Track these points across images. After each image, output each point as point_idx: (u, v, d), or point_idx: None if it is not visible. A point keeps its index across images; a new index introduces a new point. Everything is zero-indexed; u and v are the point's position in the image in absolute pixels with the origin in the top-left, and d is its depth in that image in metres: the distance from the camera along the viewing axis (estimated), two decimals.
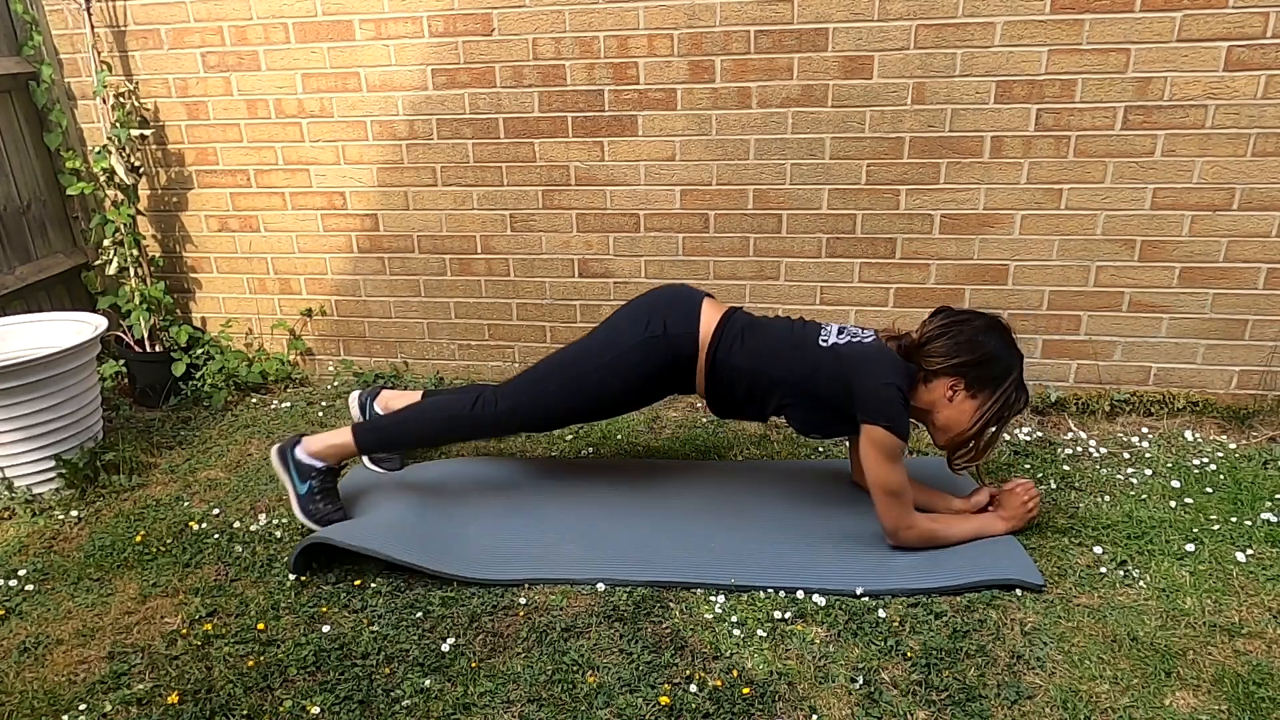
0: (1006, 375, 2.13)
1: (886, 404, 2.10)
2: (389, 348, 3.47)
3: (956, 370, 2.13)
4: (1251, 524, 2.32)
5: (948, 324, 2.17)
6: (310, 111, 3.20)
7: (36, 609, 2.17)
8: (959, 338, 2.13)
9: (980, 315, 2.19)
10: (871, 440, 2.12)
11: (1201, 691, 1.78)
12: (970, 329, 2.15)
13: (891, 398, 2.11)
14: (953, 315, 2.20)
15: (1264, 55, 2.60)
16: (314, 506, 2.35)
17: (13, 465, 2.64)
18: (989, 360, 2.12)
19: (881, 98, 2.83)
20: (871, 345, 2.21)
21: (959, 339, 2.13)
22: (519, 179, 3.15)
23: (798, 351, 2.22)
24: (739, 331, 2.27)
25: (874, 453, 2.12)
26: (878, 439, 2.10)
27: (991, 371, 2.12)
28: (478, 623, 2.04)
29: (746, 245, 3.08)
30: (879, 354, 2.18)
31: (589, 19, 2.91)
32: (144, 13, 3.18)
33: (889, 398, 2.11)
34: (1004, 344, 2.15)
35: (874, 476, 2.15)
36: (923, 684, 1.82)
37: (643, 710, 1.77)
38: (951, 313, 2.21)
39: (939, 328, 2.17)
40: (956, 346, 2.13)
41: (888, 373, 2.13)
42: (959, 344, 2.13)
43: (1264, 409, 2.88)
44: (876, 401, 2.11)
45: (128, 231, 3.26)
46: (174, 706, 1.82)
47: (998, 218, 2.89)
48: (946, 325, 2.17)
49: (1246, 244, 2.78)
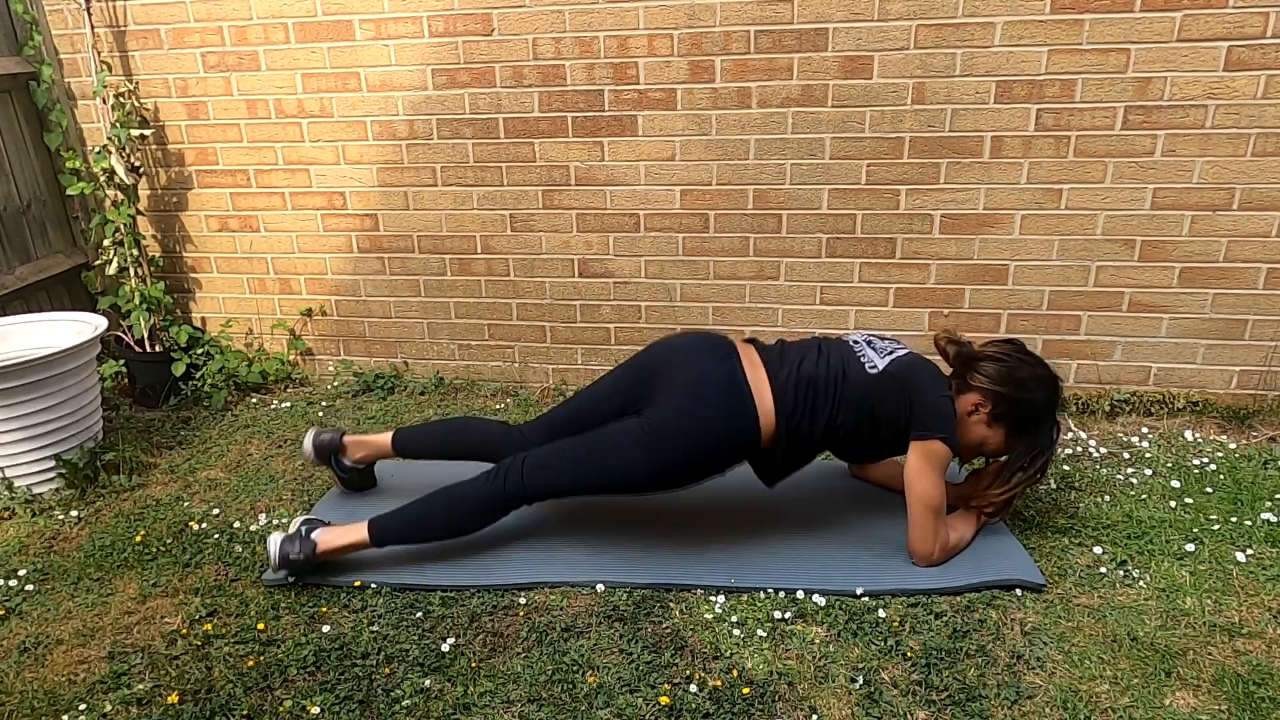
0: (1037, 424, 2.14)
1: (945, 417, 2.09)
2: (389, 348, 3.47)
3: (992, 395, 2.13)
4: (1251, 524, 2.32)
5: (1010, 354, 2.16)
6: (310, 111, 3.20)
7: (36, 609, 2.17)
8: (1015, 371, 2.13)
9: (1045, 366, 2.18)
10: (926, 454, 2.09)
11: (1201, 691, 1.78)
12: (1028, 370, 2.14)
13: (947, 409, 2.10)
14: (1021, 352, 2.18)
15: (1264, 55, 2.60)
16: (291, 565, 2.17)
17: (13, 465, 2.64)
18: (1025, 403, 2.12)
19: (881, 98, 2.83)
20: (912, 356, 2.19)
21: (1013, 372, 2.13)
22: (519, 179, 3.15)
23: (852, 387, 2.13)
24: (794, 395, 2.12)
25: (926, 466, 2.09)
26: (934, 452, 2.08)
27: (1021, 413, 2.13)
28: (478, 623, 2.04)
29: (746, 245, 3.08)
30: (925, 364, 2.17)
31: (589, 19, 2.90)
32: (144, 13, 3.18)
33: (946, 411, 2.10)
34: (1049, 400, 2.14)
35: (921, 492, 2.11)
36: (923, 684, 1.82)
37: (643, 710, 1.77)
38: (1021, 349, 2.19)
39: (1002, 353, 2.16)
40: (1005, 376, 2.12)
41: (941, 384, 2.13)
42: (1008, 375, 2.12)
43: (1264, 409, 2.88)
44: (936, 415, 2.09)
45: (128, 231, 3.26)
46: (174, 706, 1.82)
47: (998, 218, 2.89)
48: (1009, 354, 2.16)
49: (1246, 244, 2.78)
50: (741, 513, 2.43)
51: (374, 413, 3.20)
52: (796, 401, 2.12)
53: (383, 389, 3.38)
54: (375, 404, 3.28)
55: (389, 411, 3.20)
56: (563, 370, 3.37)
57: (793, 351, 2.22)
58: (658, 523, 2.39)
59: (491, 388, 3.39)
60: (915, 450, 2.10)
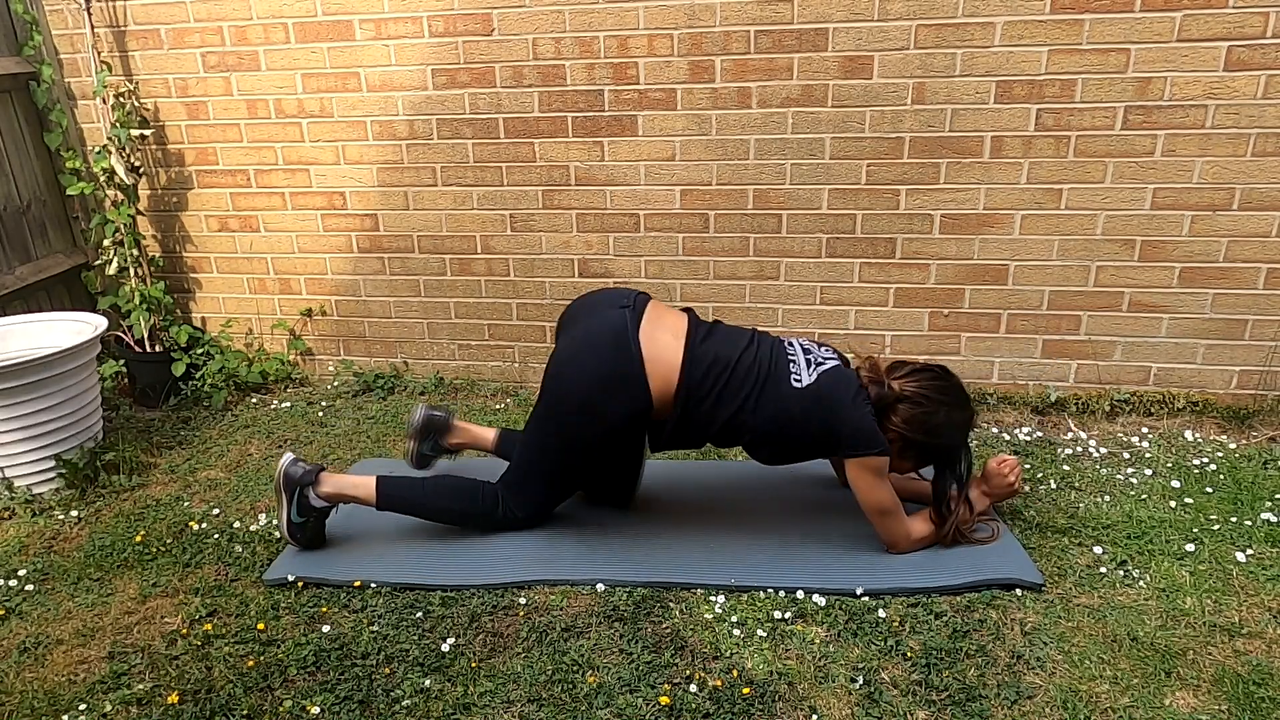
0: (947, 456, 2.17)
1: (870, 434, 2.08)
2: (389, 348, 3.47)
3: (905, 439, 2.12)
4: (1251, 524, 2.32)
5: (927, 395, 2.11)
6: (310, 111, 3.20)
7: (36, 609, 2.17)
8: (930, 418, 2.11)
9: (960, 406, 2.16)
10: (864, 468, 2.10)
11: (1201, 691, 1.78)
12: (943, 415, 2.11)
13: (869, 423, 2.09)
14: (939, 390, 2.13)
15: (1264, 55, 2.60)
16: (303, 535, 2.28)
17: (13, 465, 2.64)
18: (934, 447, 2.15)
19: (881, 98, 2.83)
20: (838, 371, 2.16)
21: (929, 418, 2.11)
22: (519, 179, 3.15)
23: (774, 392, 2.10)
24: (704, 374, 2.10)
25: (866, 478, 2.11)
26: (871, 465, 2.10)
27: (930, 454, 2.17)
28: (478, 623, 2.04)
29: (746, 245, 3.08)
30: (845, 383, 2.12)
31: (589, 19, 2.90)
32: (144, 13, 3.18)
33: (870, 427, 2.09)
34: (959, 441, 2.17)
35: (868, 501, 2.14)
36: (923, 684, 1.82)
37: (643, 710, 1.77)
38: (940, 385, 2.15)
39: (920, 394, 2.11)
40: (919, 423, 2.11)
41: (862, 402, 2.10)
42: (923, 422, 2.11)
43: (1264, 409, 2.88)
44: (861, 434, 2.08)
45: (128, 231, 3.26)
46: (174, 706, 1.82)
47: (998, 218, 2.89)
48: (925, 397, 2.11)
49: (1246, 244, 2.78)
50: (741, 513, 2.43)
51: (374, 413, 3.20)
52: (704, 379, 2.10)
53: (383, 389, 3.38)
54: (375, 404, 3.28)
55: (389, 411, 3.20)
56: None
57: (722, 332, 2.20)
58: (658, 523, 2.39)
59: (491, 388, 3.38)
60: (853, 467, 2.12)
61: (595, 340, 2.13)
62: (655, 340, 2.11)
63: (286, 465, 2.24)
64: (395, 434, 3.02)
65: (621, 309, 2.15)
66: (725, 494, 2.53)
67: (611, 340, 2.10)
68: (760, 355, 2.15)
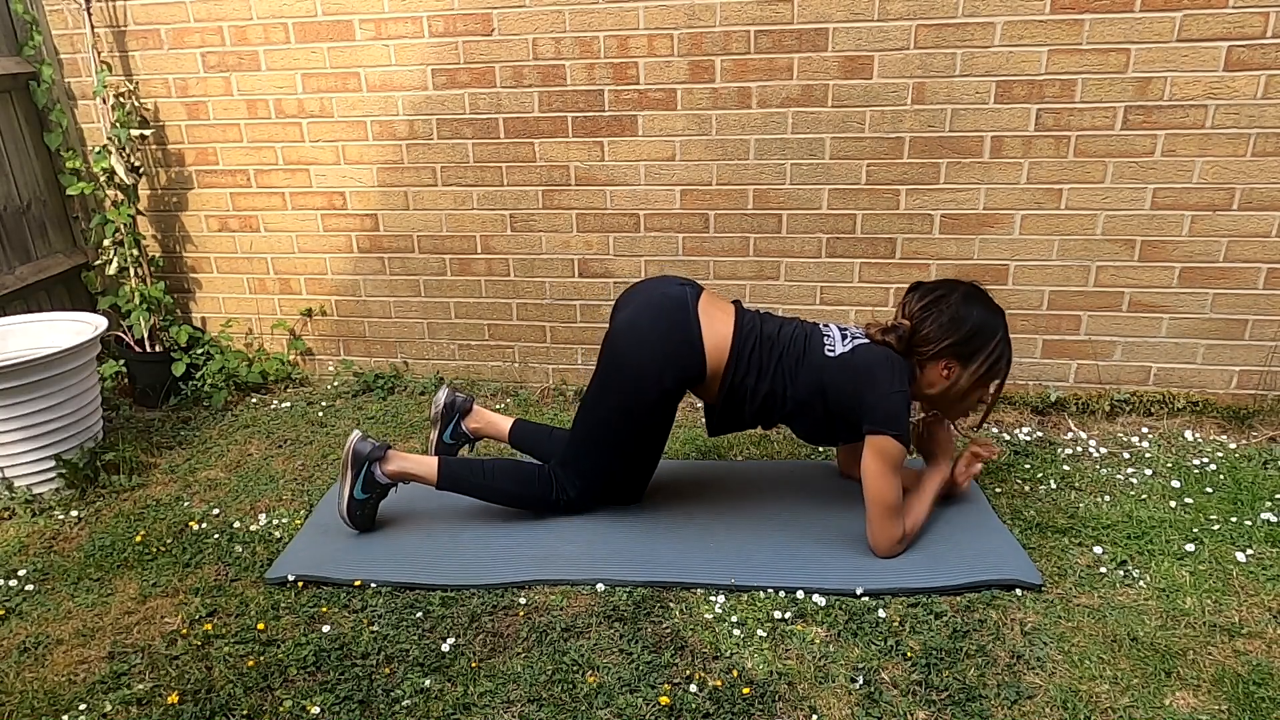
0: (994, 336, 2.16)
1: (896, 413, 2.10)
2: (389, 348, 3.47)
3: (949, 352, 2.14)
4: (1251, 524, 2.32)
5: (928, 304, 2.16)
6: (310, 111, 3.20)
7: (36, 609, 2.17)
8: (942, 318, 2.13)
9: (955, 286, 2.19)
10: (877, 450, 2.10)
11: (1201, 691, 1.78)
12: (951, 306, 2.14)
13: (900, 406, 2.11)
14: (929, 293, 2.18)
15: (1264, 55, 2.60)
16: (360, 514, 2.35)
17: (13, 465, 2.64)
18: (976, 333, 2.14)
19: (881, 98, 2.83)
20: (877, 348, 2.19)
21: (943, 320, 2.13)
22: (519, 179, 3.15)
23: (810, 361, 2.19)
24: (752, 348, 2.21)
25: (878, 463, 2.11)
26: (885, 448, 2.09)
27: (979, 342, 2.15)
28: (478, 623, 2.04)
29: (746, 245, 3.08)
30: (884, 358, 2.16)
31: (589, 19, 2.91)
32: (144, 13, 3.18)
33: (898, 406, 2.10)
34: (986, 309, 2.17)
35: (876, 491, 2.13)
36: (923, 684, 1.82)
37: (643, 710, 1.77)
38: (927, 290, 2.20)
39: (920, 310, 2.16)
40: (943, 329, 2.13)
41: (895, 378, 2.13)
42: (944, 325, 2.13)
43: (1264, 409, 2.88)
44: (886, 411, 2.10)
45: (128, 231, 3.26)
46: (174, 706, 1.82)
47: (998, 218, 2.89)
48: (927, 306, 2.16)
49: (1246, 244, 2.78)
50: (741, 513, 2.43)
51: (374, 413, 3.20)
52: (751, 352, 2.20)
53: (383, 389, 3.38)
54: (375, 404, 3.28)
55: (389, 411, 3.20)
56: (563, 370, 3.37)
57: (765, 316, 2.32)
58: (658, 523, 2.39)
59: (491, 388, 3.39)
60: (870, 446, 2.12)
61: (656, 308, 2.23)
62: (710, 315, 2.23)
63: (355, 441, 2.30)
64: (395, 434, 3.02)
65: (681, 286, 2.28)
66: (725, 494, 2.53)
67: (673, 306, 2.22)
68: (798, 332, 2.25)
